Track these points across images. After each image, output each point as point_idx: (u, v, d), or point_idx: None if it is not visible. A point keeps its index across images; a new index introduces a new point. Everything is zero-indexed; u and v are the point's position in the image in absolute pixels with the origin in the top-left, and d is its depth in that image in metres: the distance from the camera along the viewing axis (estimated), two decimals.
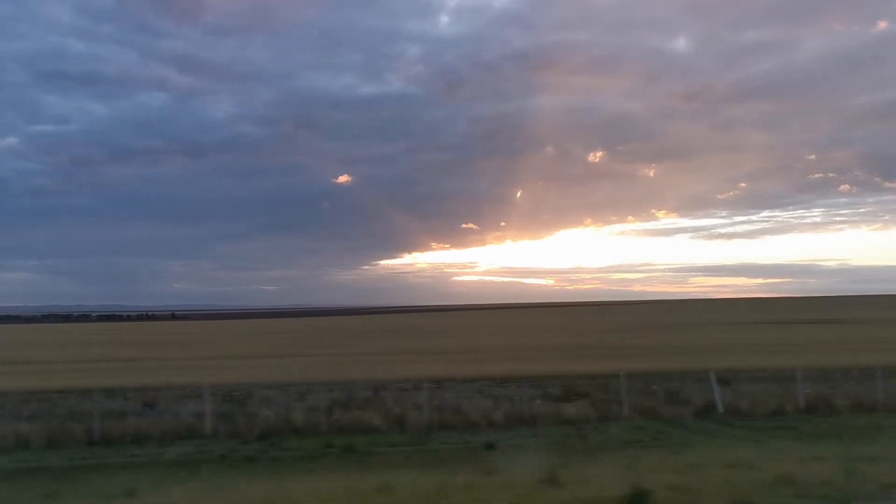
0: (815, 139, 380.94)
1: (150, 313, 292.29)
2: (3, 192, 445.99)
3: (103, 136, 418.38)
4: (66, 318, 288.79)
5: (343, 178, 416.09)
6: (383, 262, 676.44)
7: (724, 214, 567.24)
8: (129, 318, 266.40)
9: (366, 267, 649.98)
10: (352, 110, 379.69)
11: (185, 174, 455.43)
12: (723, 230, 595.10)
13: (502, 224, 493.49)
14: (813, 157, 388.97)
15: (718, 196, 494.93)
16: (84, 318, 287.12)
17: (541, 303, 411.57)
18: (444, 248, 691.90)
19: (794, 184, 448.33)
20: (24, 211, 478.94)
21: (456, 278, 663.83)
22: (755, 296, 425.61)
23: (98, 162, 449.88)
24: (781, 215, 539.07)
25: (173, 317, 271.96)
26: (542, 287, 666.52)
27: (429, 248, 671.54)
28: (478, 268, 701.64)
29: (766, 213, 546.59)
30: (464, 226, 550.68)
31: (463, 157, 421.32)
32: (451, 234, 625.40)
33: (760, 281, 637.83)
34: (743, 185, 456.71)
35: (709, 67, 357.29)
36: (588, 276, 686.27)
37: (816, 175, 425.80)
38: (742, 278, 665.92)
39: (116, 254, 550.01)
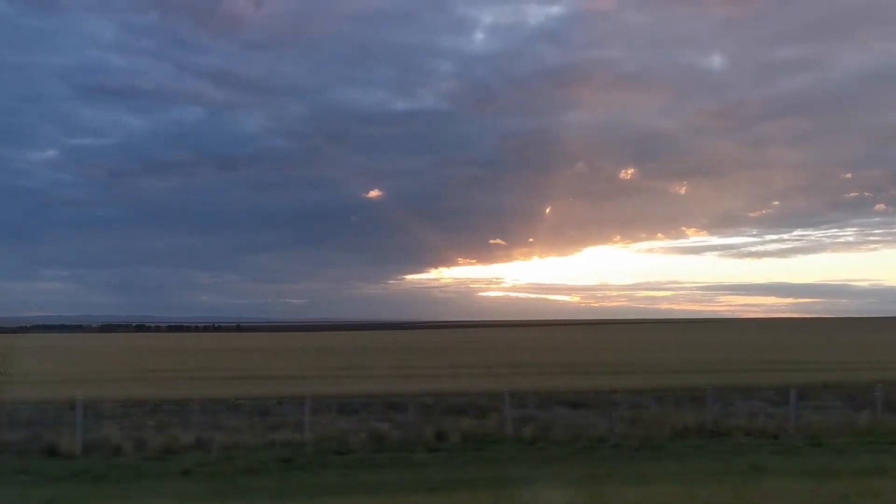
0: (850, 157, 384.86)
1: (216, 325, 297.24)
2: (39, 204, 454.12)
3: (138, 149, 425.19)
4: (128, 327, 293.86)
5: (371, 193, 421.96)
6: (409, 277, 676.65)
7: (755, 233, 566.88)
8: (195, 329, 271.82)
9: (392, 281, 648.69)
10: (382, 125, 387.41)
11: (216, 187, 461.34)
12: (753, 248, 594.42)
13: (530, 240, 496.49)
14: (848, 175, 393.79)
15: (750, 214, 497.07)
16: (142, 328, 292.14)
17: (568, 320, 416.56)
18: (470, 264, 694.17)
19: (827, 202, 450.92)
20: (58, 222, 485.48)
21: (481, 294, 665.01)
22: (785, 315, 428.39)
23: (132, 174, 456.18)
24: (814, 234, 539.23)
25: (238, 328, 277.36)
26: (568, 304, 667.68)
27: (455, 263, 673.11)
28: (503, 283, 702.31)
29: (798, 232, 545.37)
30: (491, 241, 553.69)
31: (492, 172, 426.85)
32: (477, 249, 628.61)
33: (791, 300, 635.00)
34: (776, 203, 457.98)
35: (742, 84, 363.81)
36: (614, 294, 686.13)
37: (851, 193, 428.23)
38: (772, 298, 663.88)
39: (146, 265, 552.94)
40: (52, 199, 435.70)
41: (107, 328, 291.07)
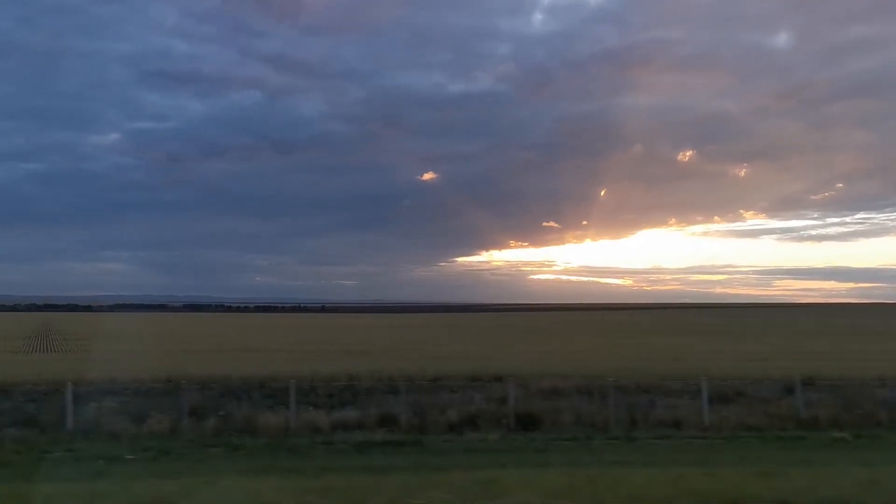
0: None
1: (301, 305, 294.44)
2: (102, 187, 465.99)
3: (198, 133, 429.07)
4: (209, 307, 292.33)
5: (425, 176, 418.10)
6: (460, 260, 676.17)
7: (815, 216, 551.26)
8: (282, 310, 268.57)
9: (442, 264, 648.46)
10: (438, 109, 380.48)
11: (272, 171, 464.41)
12: (813, 232, 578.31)
13: (583, 223, 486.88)
14: None
15: (812, 197, 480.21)
16: (225, 308, 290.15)
17: (620, 303, 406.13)
18: (522, 246, 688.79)
19: (893, 184, 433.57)
20: (120, 205, 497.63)
21: (533, 276, 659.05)
22: (844, 301, 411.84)
23: (191, 158, 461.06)
24: (877, 217, 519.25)
25: (323, 309, 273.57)
26: (620, 287, 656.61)
27: (507, 246, 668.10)
28: (555, 266, 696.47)
29: (861, 215, 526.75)
30: (544, 224, 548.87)
31: (547, 155, 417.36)
32: (530, 232, 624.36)
33: (851, 285, 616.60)
34: (840, 185, 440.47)
35: (808, 64, 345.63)
36: (668, 277, 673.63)
37: None
38: (831, 282, 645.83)
39: (203, 247, 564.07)
40: (114, 182, 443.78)
41: (190, 308, 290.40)
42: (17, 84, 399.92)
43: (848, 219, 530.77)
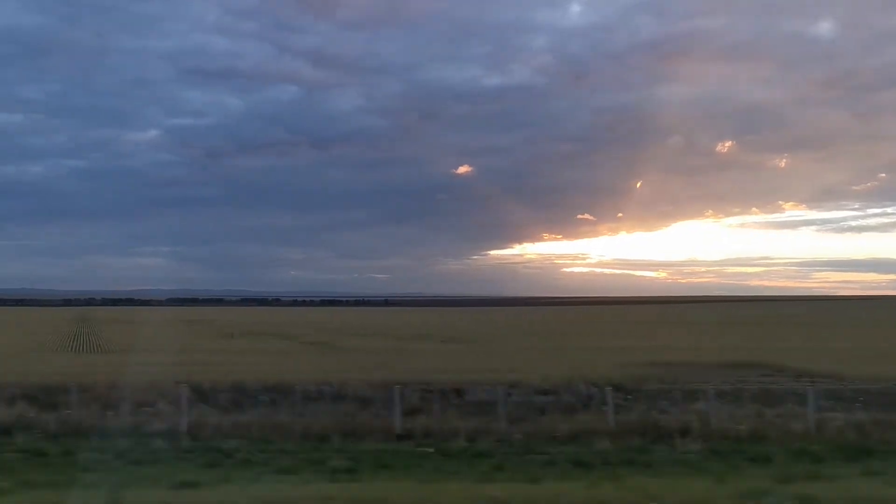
0: None
1: (364, 299, 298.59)
2: (141, 183, 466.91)
3: (236, 129, 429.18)
4: (264, 301, 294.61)
5: (460, 170, 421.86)
6: (493, 253, 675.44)
7: (856, 206, 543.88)
8: (346, 304, 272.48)
9: (475, 257, 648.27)
10: (474, 102, 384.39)
11: (308, 165, 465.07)
12: (854, 223, 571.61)
13: (619, 215, 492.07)
14: None
15: (853, 187, 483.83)
16: (278, 302, 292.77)
17: (652, 297, 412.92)
18: (555, 239, 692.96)
19: None
20: (159, 201, 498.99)
21: (566, 269, 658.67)
22: (885, 293, 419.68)
23: (229, 154, 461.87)
24: None
25: (386, 303, 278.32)
26: (654, 280, 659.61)
27: (540, 239, 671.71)
28: (589, 259, 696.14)
29: None
30: (579, 217, 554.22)
31: (583, 147, 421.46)
32: (564, 224, 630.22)
33: (892, 277, 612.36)
34: (882, 175, 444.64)
35: (853, 52, 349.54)
36: (703, 270, 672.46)
37: None
38: (872, 274, 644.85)
39: (240, 241, 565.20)
40: (153, 178, 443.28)
41: (245, 302, 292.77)
42: (61, 83, 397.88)
43: (889, 209, 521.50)
